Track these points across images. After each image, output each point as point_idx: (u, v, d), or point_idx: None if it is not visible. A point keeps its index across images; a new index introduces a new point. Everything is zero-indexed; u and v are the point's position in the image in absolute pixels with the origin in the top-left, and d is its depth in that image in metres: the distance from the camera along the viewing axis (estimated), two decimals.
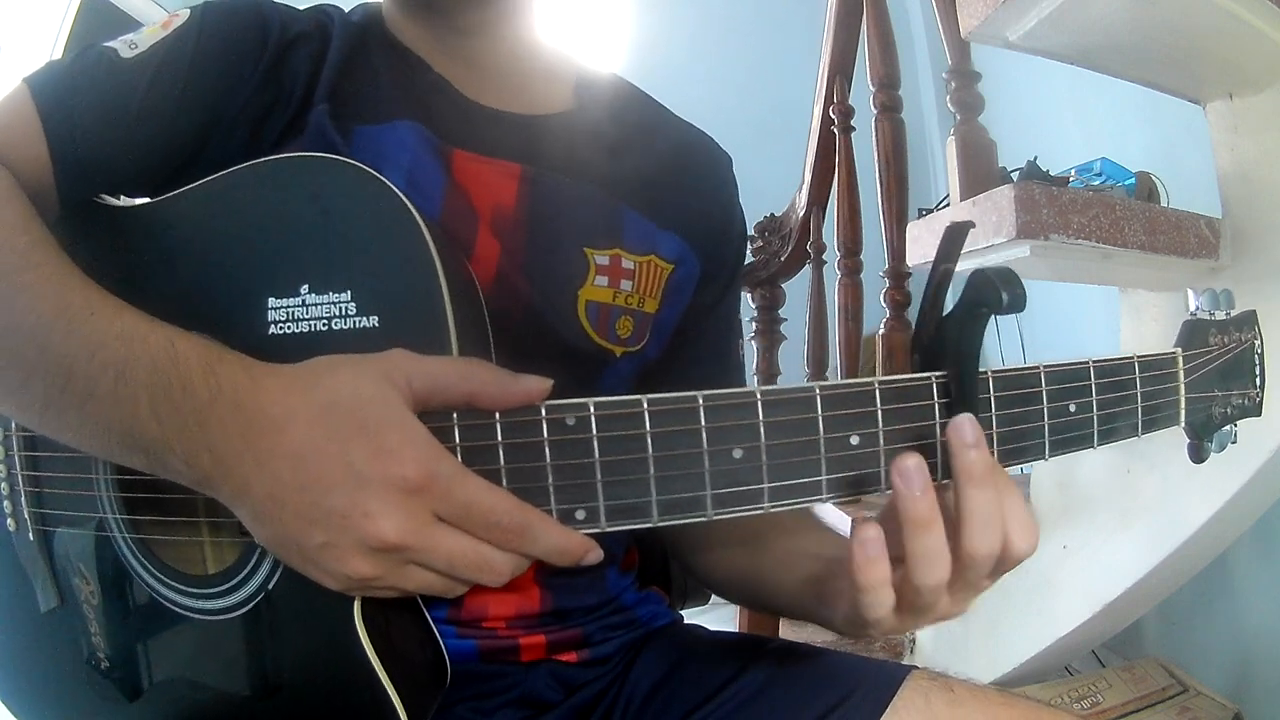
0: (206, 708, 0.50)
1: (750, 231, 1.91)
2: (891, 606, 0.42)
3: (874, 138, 1.51)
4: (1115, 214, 1.03)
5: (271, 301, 0.45)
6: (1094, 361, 0.47)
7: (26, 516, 0.56)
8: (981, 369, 0.43)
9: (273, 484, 0.38)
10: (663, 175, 0.66)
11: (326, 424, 0.38)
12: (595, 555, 0.41)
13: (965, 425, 0.40)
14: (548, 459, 0.40)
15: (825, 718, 0.55)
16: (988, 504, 0.40)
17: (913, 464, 0.40)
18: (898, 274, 1.46)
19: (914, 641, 1.69)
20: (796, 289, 1.91)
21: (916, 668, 0.58)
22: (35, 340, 0.42)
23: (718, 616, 1.17)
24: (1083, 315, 2.11)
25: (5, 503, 0.57)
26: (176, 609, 0.49)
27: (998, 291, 0.40)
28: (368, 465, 0.37)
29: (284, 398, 0.39)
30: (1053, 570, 1.36)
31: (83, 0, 2.18)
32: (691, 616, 0.72)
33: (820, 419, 0.41)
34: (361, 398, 0.38)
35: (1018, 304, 0.40)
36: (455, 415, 0.40)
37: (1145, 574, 1.22)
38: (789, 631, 1.52)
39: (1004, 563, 0.42)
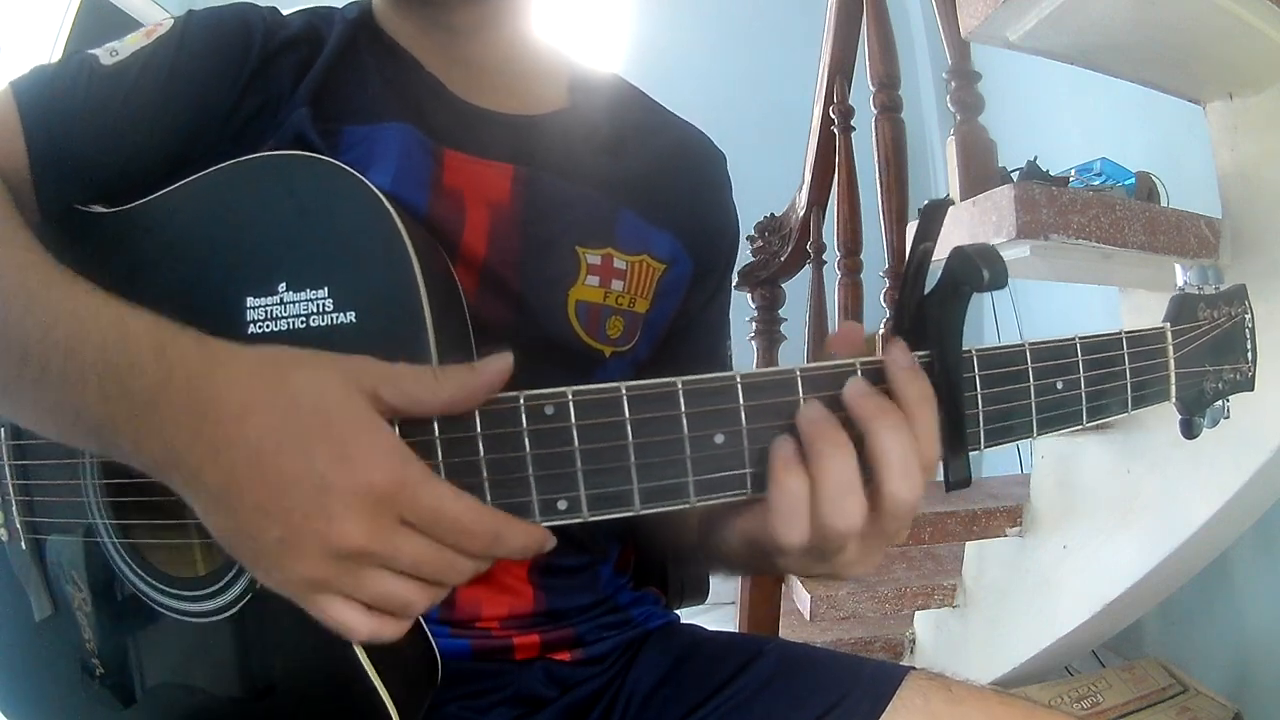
0: (200, 711, 0.49)
1: (750, 231, 1.91)
2: (804, 533, 0.40)
3: (874, 138, 1.51)
4: (1115, 214, 1.02)
5: (250, 301, 0.45)
6: (1080, 338, 0.46)
7: (18, 526, 0.55)
8: (965, 348, 0.42)
9: (228, 475, 0.36)
10: (658, 174, 0.65)
11: (287, 422, 0.36)
12: (551, 542, 0.40)
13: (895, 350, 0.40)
14: (527, 449, 0.39)
15: (825, 716, 0.55)
16: (903, 443, 0.39)
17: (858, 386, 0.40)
18: (898, 274, 1.45)
19: (914, 642, 1.69)
20: (796, 289, 1.91)
21: (915, 668, 0.58)
22: None
23: (717, 617, 1.16)
24: (1083, 316, 2.11)
25: None
26: (166, 612, 0.49)
27: (978, 269, 0.40)
28: (331, 470, 0.35)
29: (242, 387, 0.37)
30: (1053, 570, 1.36)
31: (83, 0, 2.18)
32: (689, 616, 0.72)
33: (801, 402, 0.40)
34: (326, 400, 0.36)
35: (998, 281, 0.40)
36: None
37: (1145, 574, 1.22)
38: (788, 632, 1.53)
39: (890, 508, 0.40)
